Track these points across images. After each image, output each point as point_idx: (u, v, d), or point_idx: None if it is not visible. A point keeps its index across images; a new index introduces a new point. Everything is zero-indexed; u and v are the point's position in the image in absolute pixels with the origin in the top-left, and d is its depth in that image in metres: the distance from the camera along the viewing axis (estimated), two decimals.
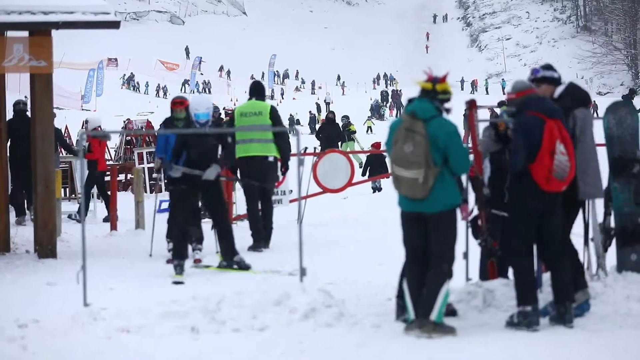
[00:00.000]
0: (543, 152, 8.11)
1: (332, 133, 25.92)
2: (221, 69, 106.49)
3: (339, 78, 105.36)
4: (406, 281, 8.16)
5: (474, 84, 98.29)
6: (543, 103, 8.33)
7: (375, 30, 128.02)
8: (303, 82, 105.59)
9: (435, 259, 8.05)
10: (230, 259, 11.66)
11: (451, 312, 8.54)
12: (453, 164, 7.99)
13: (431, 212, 8.00)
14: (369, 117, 66.77)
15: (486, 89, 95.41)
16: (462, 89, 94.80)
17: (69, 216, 18.33)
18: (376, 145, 25.58)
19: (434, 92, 8.10)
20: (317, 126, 46.76)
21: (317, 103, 74.68)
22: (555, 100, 8.60)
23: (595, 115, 10.54)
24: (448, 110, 8.19)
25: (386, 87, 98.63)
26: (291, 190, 17.03)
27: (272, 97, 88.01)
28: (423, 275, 8.09)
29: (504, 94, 31.75)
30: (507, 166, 8.43)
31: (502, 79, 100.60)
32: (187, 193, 11.67)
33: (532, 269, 8.30)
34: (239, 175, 13.82)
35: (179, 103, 12.72)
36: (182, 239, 11.59)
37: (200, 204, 12.44)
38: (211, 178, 11.54)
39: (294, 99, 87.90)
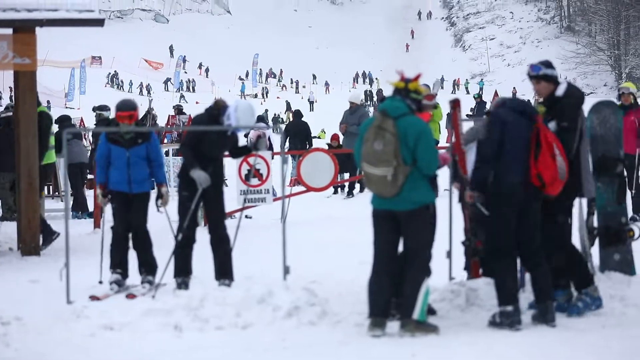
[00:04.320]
0: (544, 154, 8.14)
1: None
2: (200, 66, 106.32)
3: (314, 77, 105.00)
4: (369, 279, 8.15)
5: (456, 83, 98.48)
6: (516, 103, 8.43)
7: (360, 30, 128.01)
8: (279, 81, 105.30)
9: (412, 258, 8.06)
10: (221, 279, 9.99)
11: (430, 311, 8.54)
12: (420, 163, 7.98)
13: (401, 210, 8.01)
14: None
15: (466, 88, 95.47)
16: (442, 87, 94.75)
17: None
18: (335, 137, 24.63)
19: (406, 91, 8.14)
20: (284, 125, 46.57)
21: (286, 101, 74.61)
22: (560, 99, 8.58)
23: None
24: (420, 109, 8.23)
25: (370, 86, 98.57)
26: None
27: (256, 96, 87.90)
28: (387, 275, 8.08)
29: (481, 93, 31.57)
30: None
31: (481, 79, 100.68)
32: (189, 200, 9.92)
33: (514, 269, 8.31)
34: None
35: (126, 117, 10.27)
36: (184, 254, 10.06)
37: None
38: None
39: (277, 98, 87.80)
